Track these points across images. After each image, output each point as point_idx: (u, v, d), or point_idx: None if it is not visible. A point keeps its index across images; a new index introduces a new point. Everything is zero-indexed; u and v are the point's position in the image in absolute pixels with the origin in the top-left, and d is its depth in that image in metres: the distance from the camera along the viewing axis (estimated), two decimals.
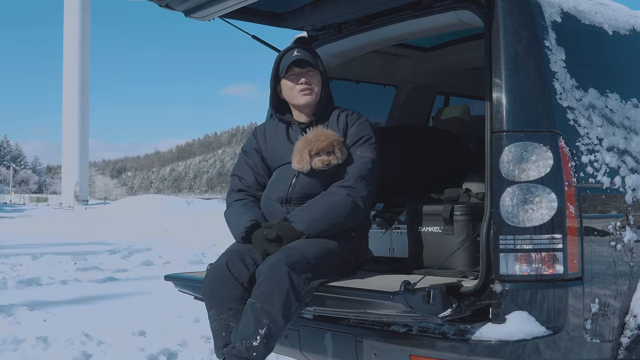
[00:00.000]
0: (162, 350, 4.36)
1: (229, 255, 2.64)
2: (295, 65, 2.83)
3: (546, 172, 2.30)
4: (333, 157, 2.70)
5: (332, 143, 2.70)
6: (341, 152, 2.72)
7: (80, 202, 74.57)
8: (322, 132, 2.74)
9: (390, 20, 3.06)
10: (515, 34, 2.40)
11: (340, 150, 2.72)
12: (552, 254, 2.27)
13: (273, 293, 2.39)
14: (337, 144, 2.72)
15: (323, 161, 2.68)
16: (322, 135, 2.71)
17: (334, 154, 2.70)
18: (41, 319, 5.52)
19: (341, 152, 2.72)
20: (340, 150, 2.72)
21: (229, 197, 2.95)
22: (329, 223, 2.63)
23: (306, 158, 2.69)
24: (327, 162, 2.68)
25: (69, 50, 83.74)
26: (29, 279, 7.86)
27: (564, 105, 2.40)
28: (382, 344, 2.53)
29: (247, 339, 2.37)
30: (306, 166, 2.70)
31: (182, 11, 3.06)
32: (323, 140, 2.69)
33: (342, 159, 2.72)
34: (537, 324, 2.24)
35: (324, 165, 2.68)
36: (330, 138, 2.71)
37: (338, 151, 2.71)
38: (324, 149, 2.69)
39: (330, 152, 2.70)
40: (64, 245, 13.66)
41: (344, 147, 2.75)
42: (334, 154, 2.70)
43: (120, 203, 48.87)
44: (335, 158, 2.70)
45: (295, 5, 3.33)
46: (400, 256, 3.12)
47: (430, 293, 2.21)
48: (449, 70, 4.30)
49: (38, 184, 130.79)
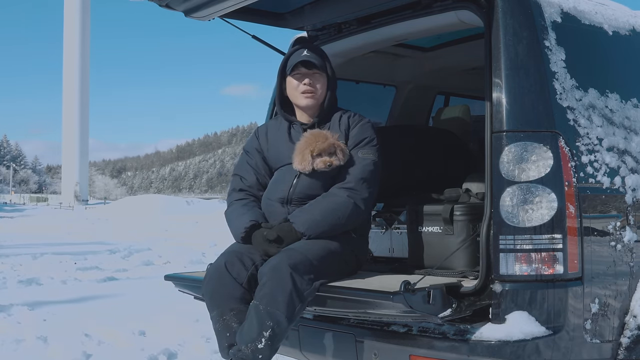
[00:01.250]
0: (162, 350, 4.36)
1: (227, 256, 2.64)
2: (302, 65, 2.83)
3: (546, 172, 2.30)
4: (335, 158, 2.69)
5: (333, 144, 2.70)
6: (343, 154, 2.71)
7: (80, 202, 74.55)
8: (323, 133, 2.74)
9: (390, 20, 3.06)
10: (515, 34, 2.40)
11: (342, 151, 2.71)
12: (552, 254, 2.27)
13: (276, 295, 2.38)
14: (338, 146, 2.71)
15: (325, 162, 2.67)
16: (322, 137, 2.71)
17: (335, 155, 2.69)
18: (41, 319, 5.52)
19: (343, 153, 2.71)
20: (342, 152, 2.71)
21: (229, 196, 2.94)
22: (329, 224, 2.63)
23: (308, 159, 2.69)
24: (329, 163, 2.67)
25: (69, 50, 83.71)
26: (29, 279, 7.86)
27: (564, 105, 2.40)
28: (382, 344, 2.53)
29: (252, 342, 2.37)
30: (308, 167, 2.69)
31: (182, 11, 3.06)
32: (324, 141, 2.69)
33: (344, 161, 2.71)
34: (537, 324, 2.24)
35: (325, 167, 2.68)
36: (331, 139, 2.71)
37: (340, 152, 2.70)
38: (325, 150, 2.68)
39: (332, 154, 2.69)
40: (64, 245, 13.66)
41: (346, 149, 2.75)
42: (336, 155, 2.69)
43: (120, 203, 48.88)
44: (337, 159, 2.69)
45: (295, 5, 3.33)
46: (400, 256, 3.12)
47: (430, 293, 2.21)
48: (449, 70, 4.31)
49: (38, 184, 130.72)
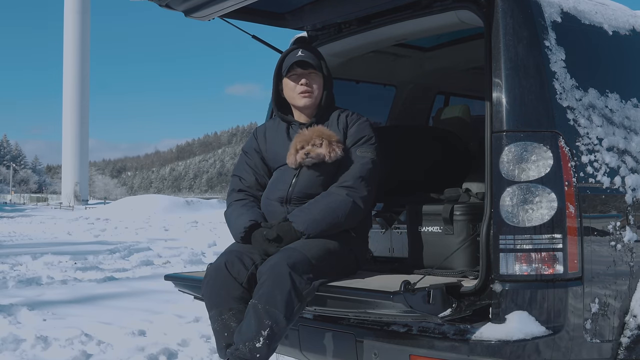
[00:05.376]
0: (162, 350, 4.35)
1: (227, 256, 2.64)
2: (297, 65, 2.83)
3: (546, 172, 2.30)
4: (315, 148, 2.65)
5: (320, 137, 2.67)
6: (330, 148, 2.67)
7: (80, 201, 74.62)
8: (317, 128, 2.73)
9: (390, 20, 3.06)
10: (515, 34, 2.40)
11: (329, 145, 2.67)
12: (552, 254, 2.27)
13: (275, 294, 2.38)
14: (327, 137, 2.68)
15: (303, 153, 2.65)
16: (315, 132, 2.69)
17: (317, 146, 2.66)
18: (41, 318, 5.51)
19: (330, 147, 2.67)
20: (330, 145, 2.67)
21: (229, 197, 2.95)
22: (329, 223, 2.63)
23: (293, 152, 2.69)
24: (307, 152, 2.64)
25: (69, 50, 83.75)
26: (29, 279, 7.85)
27: (564, 105, 2.40)
28: (382, 344, 2.53)
29: (250, 340, 2.37)
30: (293, 161, 2.69)
31: (181, 11, 3.06)
32: (309, 134, 2.67)
33: (333, 155, 2.67)
34: (537, 324, 2.24)
35: (304, 158, 2.65)
36: (318, 133, 2.68)
37: (326, 146, 2.66)
38: (307, 141, 2.66)
39: (316, 145, 2.66)
40: (64, 245, 13.64)
41: (338, 144, 2.71)
42: (318, 146, 2.66)
43: (120, 203, 48.90)
44: (320, 150, 2.65)
45: (295, 5, 3.33)
46: (400, 256, 3.11)
47: (430, 293, 2.21)
48: (449, 70, 4.30)
49: (38, 184, 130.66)
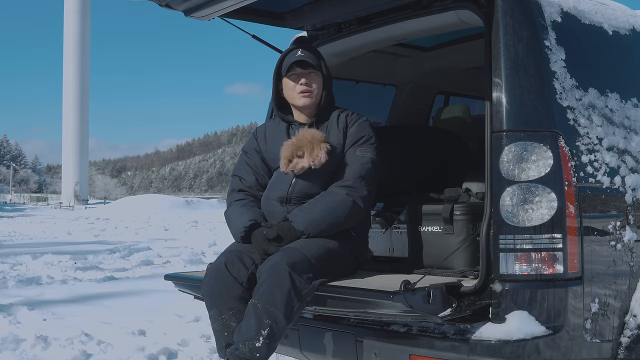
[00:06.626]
0: (162, 350, 4.35)
1: (227, 255, 2.64)
2: (297, 65, 2.83)
3: (546, 171, 2.30)
4: (299, 161, 2.68)
5: (299, 148, 2.69)
6: (312, 156, 2.67)
7: (80, 201, 74.63)
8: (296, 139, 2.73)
9: (390, 20, 3.06)
10: (515, 33, 2.40)
11: (311, 154, 2.67)
12: (552, 254, 2.27)
13: (274, 293, 2.39)
14: (308, 145, 2.68)
15: (290, 169, 2.70)
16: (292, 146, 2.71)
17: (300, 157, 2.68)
18: (41, 318, 5.51)
19: (313, 154, 2.67)
20: (311, 155, 2.67)
21: (229, 197, 2.95)
22: (329, 223, 2.63)
23: (285, 164, 2.72)
24: (292, 169, 2.69)
25: (69, 50, 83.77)
26: (29, 279, 7.85)
27: (564, 105, 2.40)
28: (382, 343, 2.53)
29: (249, 340, 2.37)
30: (285, 170, 2.73)
31: (181, 11, 3.06)
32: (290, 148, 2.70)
33: (317, 161, 2.66)
34: (537, 324, 2.24)
35: (295, 170, 2.69)
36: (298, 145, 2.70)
37: (308, 156, 2.67)
38: (291, 156, 2.70)
39: (299, 156, 2.69)
40: (64, 244, 13.64)
41: (320, 147, 2.69)
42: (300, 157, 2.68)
43: (120, 202, 48.94)
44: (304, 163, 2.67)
45: (295, 5, 3.33)
46: (400, 256, 3.11)
47: (430, 293, 2.21)
48: (449, 70, 4.30)
49: (38, 184, 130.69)
